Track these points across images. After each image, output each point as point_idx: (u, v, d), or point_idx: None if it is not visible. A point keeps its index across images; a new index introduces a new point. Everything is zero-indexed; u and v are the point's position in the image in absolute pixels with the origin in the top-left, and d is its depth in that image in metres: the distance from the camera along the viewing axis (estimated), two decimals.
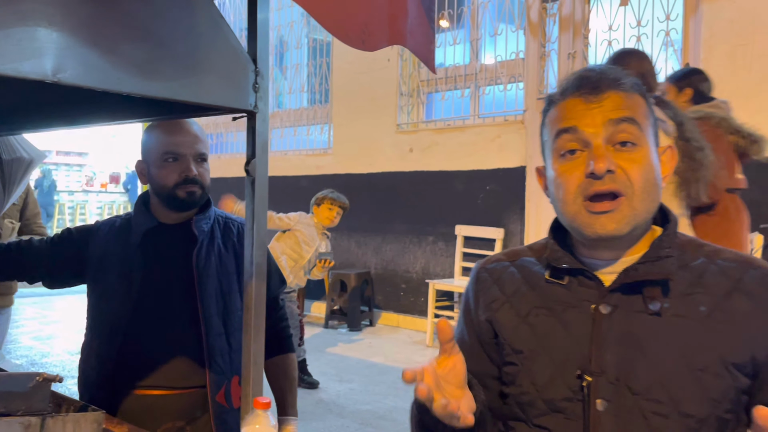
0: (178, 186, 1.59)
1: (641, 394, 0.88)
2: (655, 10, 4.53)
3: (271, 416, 1.08)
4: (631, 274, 0.91)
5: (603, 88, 0.91)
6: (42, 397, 1.11)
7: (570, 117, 0.92)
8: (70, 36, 0.99)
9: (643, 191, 0.89)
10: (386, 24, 1.16)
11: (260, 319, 1.34)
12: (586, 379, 0.90)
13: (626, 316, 0.91)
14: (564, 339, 0.94)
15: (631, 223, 0.89)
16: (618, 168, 0.88)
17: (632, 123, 0.90)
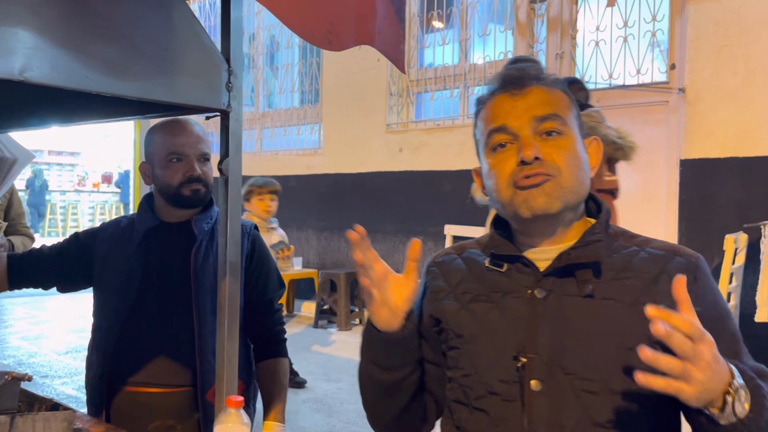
0: (183, 185, 1.63)
1: (573, 374, 0.92)
2: (642, 11, 4.55)
3: (244, 415, 1.08)
4: (563, 259, 0.96)
5: (526, 84, 0.98)
6: (11, 395, 1.11)
7: (498, 115, 0.99)
8: (38, 35, 1.00)
9: (569, 172, 0.95)
10: (353, 24, 1.17)
11: (234, 318, 1.35)
12: (521, 361, 0.94)
13: (560, 300, 0.96)
14: (502, 323, 0.98)
15: (561, 199, 0.94)
16: (545, 155, 0.95)
17: (556, 117, 0.97)
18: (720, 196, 4.20)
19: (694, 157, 4.28)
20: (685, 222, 4.33)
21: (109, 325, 1.66)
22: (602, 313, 0.93)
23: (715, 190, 4.21)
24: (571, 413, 0.91)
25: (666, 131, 4.43)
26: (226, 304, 1.34)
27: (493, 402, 0.97)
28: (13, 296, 7.24)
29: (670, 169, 4.40)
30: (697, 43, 4.27)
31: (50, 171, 16.71)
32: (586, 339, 0.92)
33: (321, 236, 6.65)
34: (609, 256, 0.97)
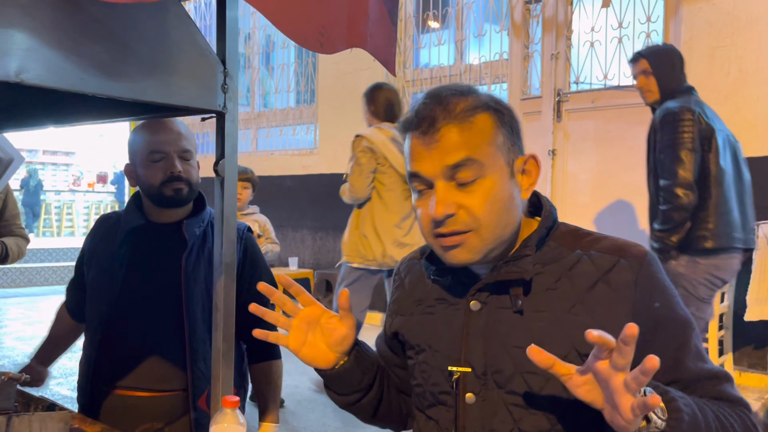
0: (164, 184, 1.60)
1: (504, 387, 0.93)
2: (637, 11, 4.57)
3: (239, 415, 1.09)
4: (494, 274, 0.96)
5: (438, 124, 0.91)
6: (7, 396, 1.11)
7: (413, 160, 0.95)
8: (33, 37, 1.00)
9: (489, 223, 0.91)
10: (345, 27, 1.17)
11: (229, 319, 1.35)
12: (455, 375, 0.96)
13: (493, 313, 0.96)
14: (444, 334, 1.00)
15: (483, 251, 0.93)
16: (459, 208, 0.91)
17: (470, 163, 0.90)
18: None
19: None
20: None
21: (94, 325, 1.65)
22: (532, 327, 0.93)
23: None
24: (503, 426, 0.93)
25: None
26: (221, 305, 1.34)
27: (439, 411, 1.00)
28: (6, 297, 7.22)
29: None
30: (691, 44, 4.29)
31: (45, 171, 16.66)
32: (516, 354, 0.92)
33: (316, 236, 6.65)
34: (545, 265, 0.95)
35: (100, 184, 16.72)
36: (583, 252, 0.95)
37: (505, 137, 0.94)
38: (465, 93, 0.95)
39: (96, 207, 14.40)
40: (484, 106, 0.94)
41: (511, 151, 0.95)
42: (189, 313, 1.59)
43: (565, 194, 4.83)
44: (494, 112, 0.94)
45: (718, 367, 0.94)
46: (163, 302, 1.61)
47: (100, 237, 1.73)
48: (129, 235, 1.66)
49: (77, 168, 17.90)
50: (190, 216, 1.68)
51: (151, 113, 1.47)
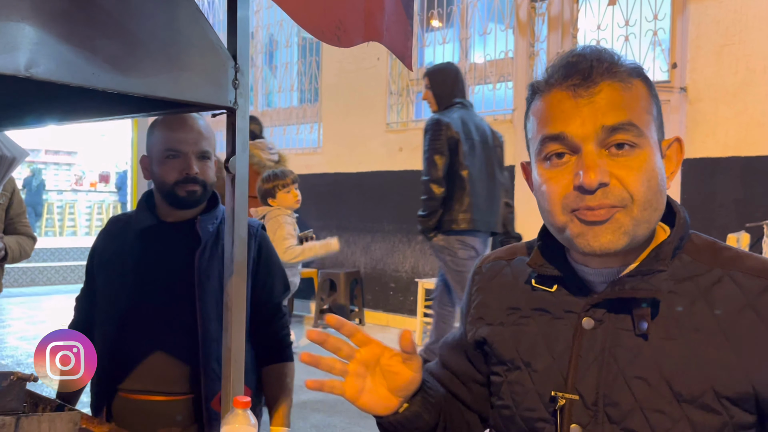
0: (178, 184, 1.56)
1: (619, 424, 0.78)
2: (643, 9, 4.55)
3: (251, 415, 1.07)
4: (617, 289, 0.80)
5: (595, 78, 0.78)
6: (16, 396, 1.09)
7: (556, 119, 0.79)
8: (43, 31, 0.98)
9: (644, 201, 0.77)
10: (362, 20, 1.15)
11: (240, 318, 1.34)
12: (559, 402, 0.82)
13: (611, 334, 0.81)
14: (546, 354, 0.86)
15: (630, 235, 0.78)
16: (613, 178, 0.76)
17: (630, 128, 0.77)
18: (721, 196, 4.19)
19: (695, 157, 4.28)
20: None
21: (104, 328, 1.61)
22: (660, 357, 0.78)
23: (716, 190, 4.21)
24: None
25: (667, 130, 4.42)
26: (232, 305, 1.32)
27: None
28: (10, 296, 7.21)
29: None
30: (698, 42, 4.27)
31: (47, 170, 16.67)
32: (638, 385, 0.78)
33: (320, 236, 6.62)
34: (676, 284, 0.80)
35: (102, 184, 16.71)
36: (725, 271, 0.79)
37: (657, 111, 0.82)
38: (616, 54, 0.81)
39: (98, 207, 14.40)
40: (639, 72, 0.81)
41: (661, 128, 0.83)
42: (203, 313, 1.56)
43: None
44: (646, 81, 0.81)
45: None
46: (176, 302, 1.58)
47: (111, 239, 1.69)
48: (140, 235, 1.62)
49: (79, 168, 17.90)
50: (203, 213, 1.64)
51: (160, 110, 1.45)
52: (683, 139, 0.85)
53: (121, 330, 1.58)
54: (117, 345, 1.58)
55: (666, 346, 0.78)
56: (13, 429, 1.05)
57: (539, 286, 0.89)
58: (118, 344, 1.58)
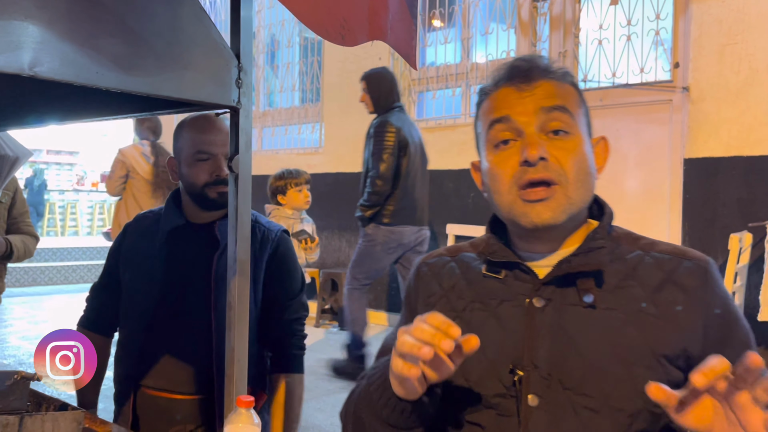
0: (209, 186, 1.58)
1: (572, 389, 0.86)
2: (645, 9, 4.54)
3: (254, 415, 1.07)
4: (564, 267, 0.90)
5: (534, 77, 0.92)
6: (20, 395, 1.09)
7: (502, 106, 0.92)
8: (46, 29, 0.98)
9: (576, 180, 0.89)
10: (366, 19, 1.15)
11: (243, 317, 1.33)
12: (518, 374, 0.89)
13: (560, 310, 0.90)
14: (497, 333, 0.92)
15: (567, 212, 0.89)
16: (551, 156, 0.88)
17: (564, 111, 0.90)
18: (724, 195, 4.19)
19: (697, 156, 4.27)
20: (689, 221, 4.32)
21: (132, 327, 1.63)
22: (604, 325, 0.87)
23: (719, 189, 4.21)
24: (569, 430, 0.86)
25: (669, 130, 4.41)
26: (235, 303, 1.32)
27: (487, 416, 0.91)
28: (12, 296, 7.22)
29: (673, 168, 4.39)
30: (700, 41, 4.26)
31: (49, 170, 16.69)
32: (586, 352, 0.86)
33: (322, 235, 6.62)
34: (612, 263, 0.91)
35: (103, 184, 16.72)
36: (644, 253, 0.92)
37: (586, 112, 0.96)
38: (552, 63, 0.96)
39: (100, 206, 14.41)
40: (571, 78, 0.96)
41: (589, 127, 0.96)
42: (217, 315, 1.56)
43: None
44: (576, 87, 0.96)
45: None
46: (195, 303, 1.59)
47: (139, 235, 1.69)
48: (169, 235, 1.63)
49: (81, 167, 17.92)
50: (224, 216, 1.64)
51: (162, 109, 1.45)
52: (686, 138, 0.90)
53: (147, 328, 1.60)
54: (142, 342, 1.60)
55: (608, 315, 0.88)
56: (17, 428, 1.05)
57: (490, 273, 0.96)
58: (143, 341, 1.60)
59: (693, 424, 0.72)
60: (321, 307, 6.00)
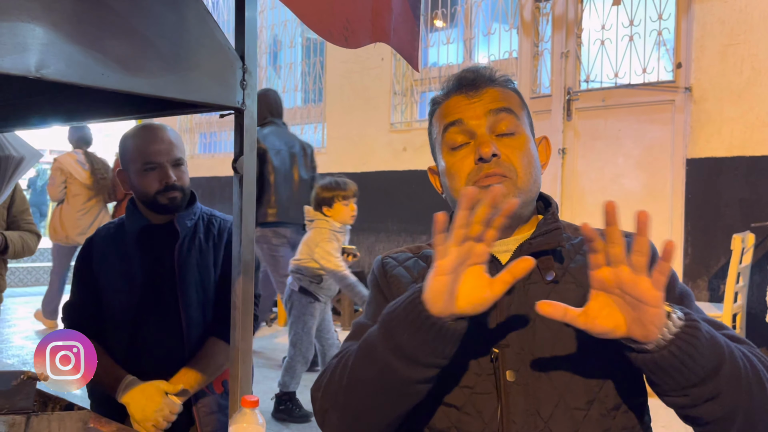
0: (160, 193, 1.67)
1: (545, 360, 0.93)
2: (648, 9, 4.54)
3: (259, 415, 1.07)
4: (525, 248, 0.98)
5: (481, 85, 1.02)
6: (26, 395, 1.10)
7: (455, 112, 1.02)
8: (52, 31, 0.99)
9: (525, 172, 0.98)
10: (369, 21, 1.16)
11: (248, 317, 1.34)
12: (494, 352, 0.94)
13: (525, 288, 0.97)
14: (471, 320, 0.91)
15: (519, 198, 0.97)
16: (501, 154, 0.98)
17: (510, 113, 1.01)
18: (726, 196, 4.18)
19: (700, 156, 4.27)
20: (691, 222, 4.31)
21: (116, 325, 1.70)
22: (567, 297, 0.91)
23: (721, 190, 4.20)
24: (547, 399, 0.92)
25: (672, 130, 4.41)
26: (240, 304, 1.33)
27: (463, 396, 0.95)
28: (15, 296, 7.23)
29: (675, 169, 4.38)
30: (703, 42, 4.26)
31: None
32: (553, 324, 0.90)
33: None
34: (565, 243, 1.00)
35: None
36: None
37: (528, 116, 1.06)
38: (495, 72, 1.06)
39: None
40: (513, 85, 1.07)
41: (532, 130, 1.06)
42: (184, 302, 1.67)
43: (575, 193, 4.80)
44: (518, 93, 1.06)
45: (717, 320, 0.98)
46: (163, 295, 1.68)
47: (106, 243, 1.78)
48: (137, 235, 1.73)
49: None
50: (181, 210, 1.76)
51: (166, 110, 1.46)
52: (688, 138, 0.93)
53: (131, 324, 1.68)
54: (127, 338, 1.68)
55: (569, 288, 0.96)
56: (24, 428, 1.06)
57: None
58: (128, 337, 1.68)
59: (605, 327, 0.80)
60: None
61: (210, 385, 1.69)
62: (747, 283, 3.80)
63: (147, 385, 1.59)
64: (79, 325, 1.72)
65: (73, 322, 1.76)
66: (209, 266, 1.72)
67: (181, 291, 1.67)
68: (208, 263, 1.72)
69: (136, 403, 1.56)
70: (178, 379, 1.63)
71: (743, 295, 3.82)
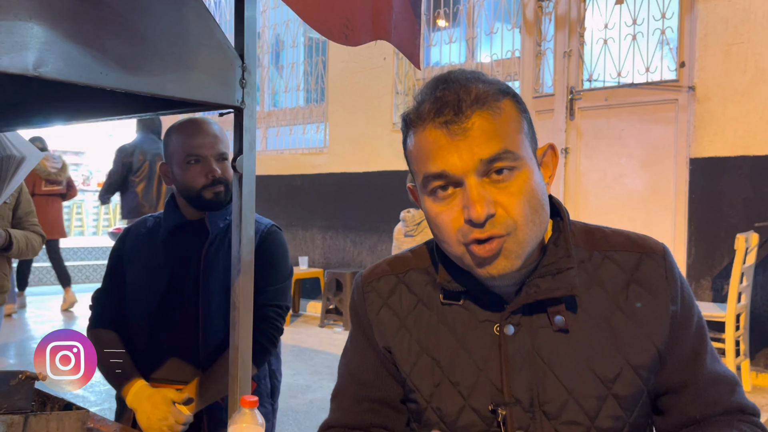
0: (206, 188, 1.63)
1: (557, 418, 0.83)
2: (651, 8, 4.52)
3: (258, 415, 1.07)
4: (532, 293, 0.83)
5: (465, 111, 0.78)
6: (24, 395, 1.10)
7: (435, 158, 0.79)
8: (51, 30, 0.98)
9: (527, 222, 0.79)
10: (370, 19, 1.15)
11: (247, 317, 1.34)
12: (500, 413, 0.83)
13: (531, 335, 0.84)
14: (469, 367, 0.87)
15: (522, 257, 0.80)
16: (498, 207, 0.78)
17: (506, 156, 0.78)
18: (730, 195, 4.17)
19: (703, 156, 4.26)
20: (695, 221, 4.30)
21: (136, 323, 1.68)
22: (578, 345, 0.84)
23: (724, 189, 4.19)
24: None
25: (675, 130, 4.40)
26: (239, 303, 1.32)
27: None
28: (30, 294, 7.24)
29: (679, 168, 4.37)
30: (706, 41, 4.25)
31: None
32: (564, 377, 0.83)
33: (326, 236, 6.63)
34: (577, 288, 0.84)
35: None
36: (602, 253, 0.87)
37: (528, 125, 0.84)
38: (480, 77, 0.82)
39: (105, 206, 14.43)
40: (506, 91, 0.82)
41: (533, 140, 0.85)
42: (204, 305, 1.62)
43: (578, 193, 4.79)
44: (514, 98, 0.83)
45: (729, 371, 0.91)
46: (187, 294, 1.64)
47: (141, 236, 1.75)
48: (170, 233, 1.70)
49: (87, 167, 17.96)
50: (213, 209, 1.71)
51: (167, 109, 1.45)
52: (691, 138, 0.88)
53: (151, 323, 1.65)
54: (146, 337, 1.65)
55: (580, 334, 0.84)
56: (22, 428, 1.06)
57: (448, 301, 0.89)
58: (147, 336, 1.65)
59: None
60: (326, 307, 6.00)
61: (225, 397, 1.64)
62: (751, 283, 3.78)
63: (155, 392, 1.55)
64: (104, 315, 1.73)
65: (98, 311, 1.74)
66: None
67: (204, 295, 1.62)
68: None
69: (143, 410, 1.54)
70: (188, 389, 1.58)
71: (747, 295, 3.81)
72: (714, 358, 0.89)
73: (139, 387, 1.57)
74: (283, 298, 1.70)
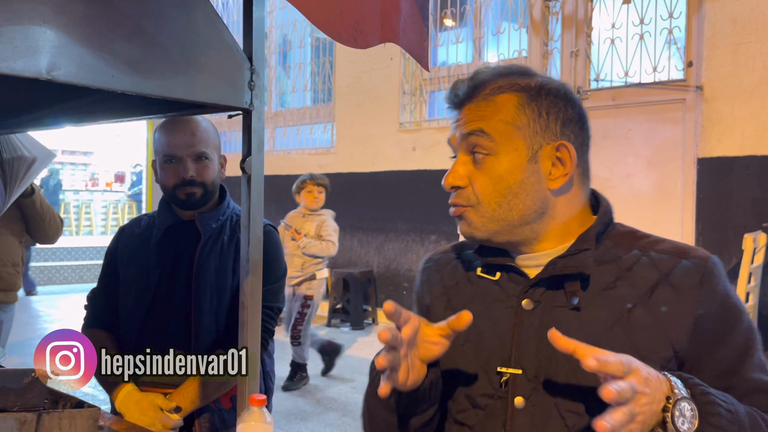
0: (177, 188, 1.61)
1: (558, 392, 0.87)
2: (658, 8, 4.51)
3: (266, 413, 1.08)
4: (550, 269, 0.91)
5: (462, 102, 0.94)
6: (37, 393, 1.11)
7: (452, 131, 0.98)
8: (63, 34, 1.00)
9: (489, 202, 0.90)
10: (378, 21, 1.16)
11: (256, 317, 1.35)
12: (505, 375, 0.90)
13: (548, 311, 0.90)
14: (490, 334, 0.93)
15: (482, 229, 0.92)
16: (468, 181, 0.92)
17: (480, 134, 0.90)
18: (737, 195, 4.15)
19: (711, 156, 4.24)
20: (702, 221, 4.29)
21: (128, 323, 1.66)
22: (590, 328, 0.86)
23: (732, 189, 4.17)
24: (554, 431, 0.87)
25: (683, 129, 4.39)
26: (248, 303, 1.33)
27: (475, 416, 0.92)
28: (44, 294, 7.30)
29: (686, 168, 4.36)
30: (714, 40, 4.23)
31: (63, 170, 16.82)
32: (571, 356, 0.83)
33: None
34: (603, 264, 0.90)
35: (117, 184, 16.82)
36: (642, 253, 0.91)
37: (531, 120, 0.90)
38: (502, 74, 0.94)
39: (113, 206, 14.52)
40: (514, 87, 0.91)
41: (539, 135, 0.90)
42: (196, 306, 1.61)
43: None
44: (525, 94, 0.90)
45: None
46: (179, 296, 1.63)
47: (135, 236, 1.74)
48: (163, 233, 1.68)
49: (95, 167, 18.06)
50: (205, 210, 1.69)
51: (176, 111, 1.47)
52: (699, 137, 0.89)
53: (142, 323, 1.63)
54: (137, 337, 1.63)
55: (595, 317, 0.88)
56: (35, 425, 1.07)
57: (484, 275, 0.98)
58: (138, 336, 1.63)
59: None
60: (332, 306, 6.01)
61: (217, 400, 1.61)
62: (759, 283, 3.77)
63: (143, 398, 1.54)
64: (97, 316, 1.72)
65: (92, 311, 1.74)
66: (227, 270, 1.65)
67: (196, 297, 1.61)
68: (226, 267, 1.65)
69: (130, 415, 1.52)
70: (177, 393, 1.57)
71: (755, 295, 3.79)
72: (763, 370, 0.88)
73: (127, 391, 1.55)
74: (274, 299, 1.69)
